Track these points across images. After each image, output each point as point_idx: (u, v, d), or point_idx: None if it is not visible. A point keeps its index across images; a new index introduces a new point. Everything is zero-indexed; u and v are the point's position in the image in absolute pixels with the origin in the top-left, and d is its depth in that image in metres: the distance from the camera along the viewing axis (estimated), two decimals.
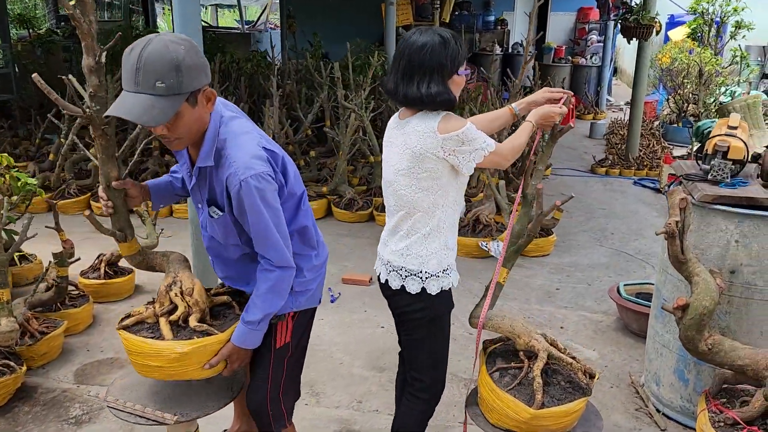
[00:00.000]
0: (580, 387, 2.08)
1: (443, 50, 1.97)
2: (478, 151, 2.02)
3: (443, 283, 2.14)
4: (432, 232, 2.11)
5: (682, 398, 2.97)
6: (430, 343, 2.21)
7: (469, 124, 2.02)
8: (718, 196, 2.72)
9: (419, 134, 2.01)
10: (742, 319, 2.75)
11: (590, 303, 4.34)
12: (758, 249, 2.66)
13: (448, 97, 2.01)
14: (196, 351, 1.97)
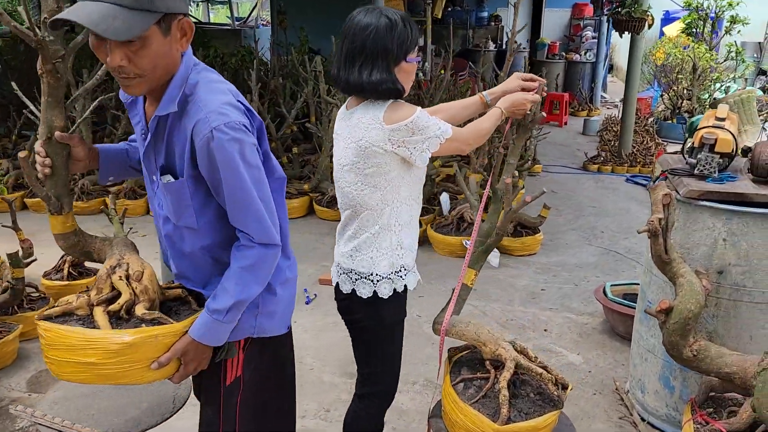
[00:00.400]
0: (551, 399, 1.91)
1: (389, 33, 1.78)
2: (432, 139, 1.84)
3: (396, 285, 1.96)
4: (382, 231, 1.93)
5: (668, 406, 2.80)
6: (382, 350, 2.05)
7: (419, 111, 1.84)
8: (704, 191, 2.54)
9: (364, 126, 1.84)
10: (731, 322, 2.58)
11: (576, 304, 4.17)
12: (747, 248, 2.48)
13: (393, 86, 1.82)
14: (143, 343, 1.53)
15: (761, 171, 2.67)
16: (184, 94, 1.52)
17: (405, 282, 1.98)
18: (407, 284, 1.99)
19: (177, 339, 1.57)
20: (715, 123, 2.66)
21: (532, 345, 3.61)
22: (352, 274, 1.97)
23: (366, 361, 2.08)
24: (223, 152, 1.47)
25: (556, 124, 11.44)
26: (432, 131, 1.84)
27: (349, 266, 1.97)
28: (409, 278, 2.00)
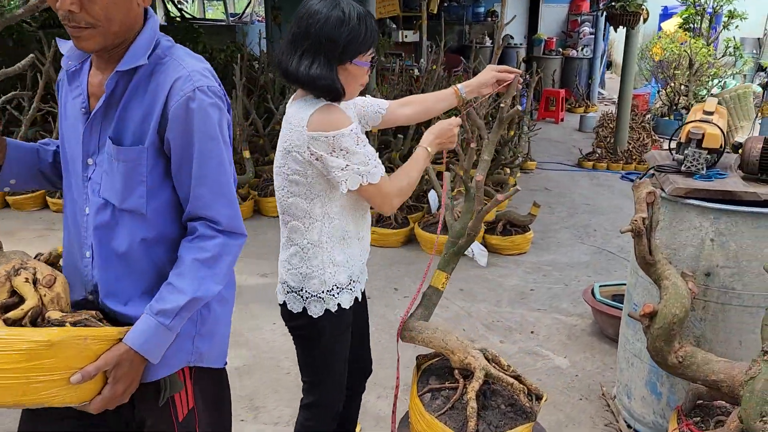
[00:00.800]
0: (524, 411, 1.79)
1: (339, 26, 1.60)
2: (352, 173, 1.63)
3: (328, 305, 1.80)
4: (311, 246, 1.77)
5: (655, 413, 2.69)
6: (321, 361, 1.91)
7: (351, 128, 1.63)
8: (691, 189, 2.42)
9: (290, 125, 1.68)
10: (719, 326, 2.46)
11: (566, 305, 4.05)
12: (736, 249, 2.37)
13: (332, 85, 1.64)
14: (67, 345, 1.21)
15: (751, 167, 2.56)
16: (156, 54, 1.35)
17: (338, 301, 1.81)
18: (341, 303, 1.82)
19: (109, 347, 1.28)
20: (702, 117, 2.54)
21: (518, 348, 3.50)
22: (285, 285, 1.84)
23: (305, 371, 1.96)
24: (203, 116, 1.31)
25: (552, 120, 11.32)
26: (356, 163, 1.63)
27: (283, 277, 1.84)
28: (343, 297, 1.82)
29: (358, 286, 1.89)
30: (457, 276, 4.45)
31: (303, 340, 1.90)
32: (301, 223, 1.76)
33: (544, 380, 3.17)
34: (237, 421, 2.83)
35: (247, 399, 2.99)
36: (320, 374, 1.91)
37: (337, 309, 1.81)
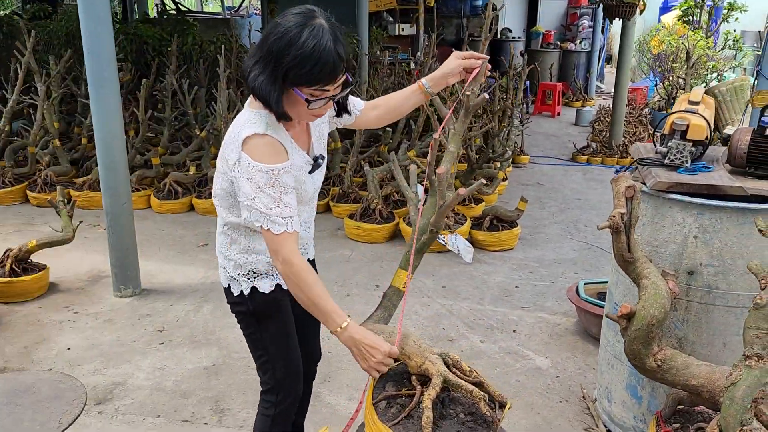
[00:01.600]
0: (484, 420, 1.67)
1: (288, 47, 1.53)
2: (255, 211, 1.62)
3: (243, 287, 1.86)
4: (230, 230, 1.84)
5: (635, 418, 2.57)
6: (259, 342, 1.93)
7: (275, 168, 1.60)
8: (674, 183, 2.29)
9: (230, 131, 1.68)
10: (702, 328, 2.33)
11: (550, 303, 3.93)
12: (720, 246, 2.24)
13: (268, 101, 1.59)
14: None
15: (739, 161, 2.43)
16: None
17: (254, 285, 1.84)
18: (258, 287, 1.84)
19: None
20: (687, 108, 2.41)
21: (498, 347, 3.38)
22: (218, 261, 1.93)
23: (252, 349, 1.98)
24: None
25: (548, 114, 11.17)
26: (262, 203, 1.60)
27: (216, 249, 1.93)
28: (262, 282, 1.85)
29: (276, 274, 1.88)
30: (440, 273, 4.34)
31: (238, 318, 1.93)
32: (225, 212, 1.81)
33: (523, 381, 3.05)
34: (200, 424, 2.72)
35: (213, 401, 2.87)
36: (263, 353, 1.93)
37: (251, 292, 1.84)
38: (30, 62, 5.61)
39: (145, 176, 5.81)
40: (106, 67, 3.48)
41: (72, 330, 3.50)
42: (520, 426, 2.72)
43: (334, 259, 4.58)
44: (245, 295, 1.85)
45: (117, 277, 3.88)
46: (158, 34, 7.84)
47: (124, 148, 3.75)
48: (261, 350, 1.93)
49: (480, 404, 1.64)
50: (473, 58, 1.94)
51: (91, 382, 3.00)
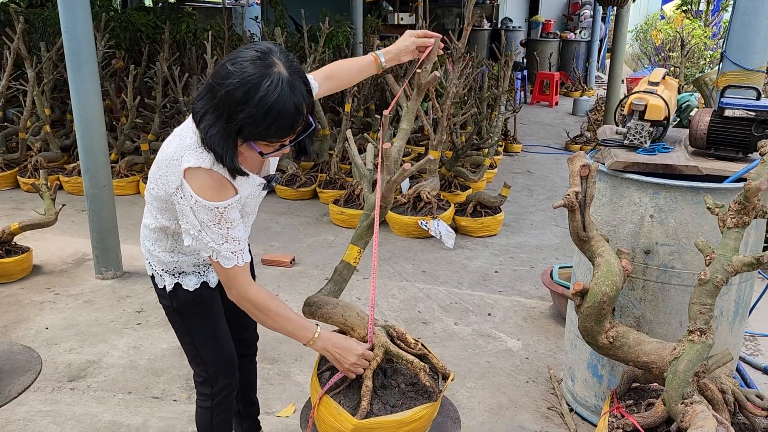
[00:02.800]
0: (425, 390, 1.70)
1: (245, 103, 1.41)
2: (202, 243, 1.57)
3: (166, 283, 1.81)
4: (158, 231, 1.76)
5: (596, 397, 2.60)
6: (186, 336, 1.89)
7: (220, 205, 1.52)
8: (630, 163, 2.31)
9: (174, 152, 1.55)
10: (659, 307, 2.36)
11: (528, 287, 3.95)
12: (676, 225, 2.25)
13: (222, 157, 1.47)
14: None
15: (699, 142, 2.44)
16: None
17: (178, 281, 1.80)
18: (182, 284, 1.80)
19: None
20: (647, 88, 2.42)
21: (471, 329, 3.41)
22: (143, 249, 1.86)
23: (182, 342, 1.93)
24: None
25: (546, 104, 11.15)
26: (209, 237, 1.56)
27: (141, 237, 1.87)
28: (186, 279, 1.80)
29: (212, 269, 1.84)
30: (421, 257, 4.36)
31: (164, 310, 1.90)
32: (156, 212, 1.72)
33: (493, 362, 3.08)
34: (170, 400, 2.76)
35: (184, 379, 2.91)
36: (194, 347, 1.88)
37: (173, 288, 1.79)
38: (20, 48, 5.64)
39: (135, 162, 5.85)
40: (84, 47, 3.50)
41: (52, 310, 3.55)
42: (485, 405, 2.75)
43: (317, 244, 4.61)
44: (168, 290, 1.81)
45: (98, 259, 3.93)
46: (152, 22, 7.87)
47: (103, 131, 3.78)
48: (189, 344, 1.89)
49: (420, 374, 1.67)
50: (426, 36, 1.96)
51: (66, 360, 3.05)
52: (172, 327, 1.91)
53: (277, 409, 2.69)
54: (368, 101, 6.83)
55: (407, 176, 1.82)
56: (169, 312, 1.87)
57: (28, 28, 10.05)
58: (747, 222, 1.91)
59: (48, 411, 2.64)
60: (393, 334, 1.79)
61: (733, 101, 2.36)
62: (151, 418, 2.61)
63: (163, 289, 1.82)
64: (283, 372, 2.97)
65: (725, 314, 2.35)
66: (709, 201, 1.98)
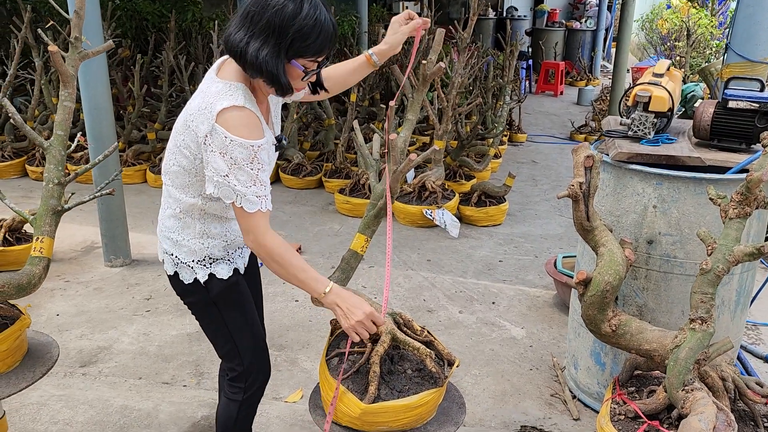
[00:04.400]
0: (432, 377, 1.74)
1: (293, 18, 1.50)
2: (226, 187, 1.54)
3: (198, 275, 1.74)
4: (184, 214, 1.72)
5: (599, 384, 2.64)
6: (222, 330, 1.82)
7: (254, 143, 1.53)
8: (634, 153, 2.33)
9: (201, 101, 1.56)
10: (661, 296, 2.39)
11: (532, 277, 3.99)
12: (678, 216, 2.28)
13: (276, 76, 1.53)
14: None
15: (703, 133, 2.46)
16: None
17: (211, 271, 1.75)
18: (215, 274, 1.75)
19: None
20: (651, 80, 2.44)
21: (476, 318, 3.45)
22: (161, 245, 1.80)
23: (217, 340, 1.87)
24: None
25: (551, 93, 11.14)
26: (237, 179, 1.53)
27: (160, 233, 1.80)
28: (219, 268, 1.75)
29: (240, 254, 1.82)
30: (426, 247, 4.40)
31: (193, 309, 1.83)
32: (177, 191, 1.70)
33: (497, 350, 3.13)
34: (179, 386, 2.81)
35: (194, 365, 2.97)
36: (231, 341, 1.82)
37: (208, 279, 1.74)
38: (27, 37, 5.67)
39: (142, 151, 5.89)
40: (93, 35, 3.52)
41: (62, 297, 3.61)
42: (489, 392, 2.80)
43: (323, 233, 4.65)
44: (201, 283, 1.75)
45: (107, 247, 3.98)
46: (157, 11, 7.88)
47: (112, 121, 3.82)
48: (225, 336, 1.83)
49: (426, 360, 1.72)
50: (410, 18, 1.90)
51: (78, 346, 3.10)
52: (203, 322, 1.85)
53: (285, 394, 2.74)
54: (373, 91, 6.84)
55: (413, 166, 1.86)
56: (201, 306, 1.81)
57: (35, 17, 10.10)
58: (749, 213, 1.94)
59: (61, 395, 2.70)
60: (399, 321, 1.83)
61: (737, 93, 2.38)
62: (161, 403, 2.67)
63: (194, 284, 1.75)
64: (290, 358, 3.02)
65: (727, 303, 2.39)
66: (711, 192, 2.01)
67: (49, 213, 1.98)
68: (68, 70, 2.00)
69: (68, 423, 2.53)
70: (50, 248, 1.95)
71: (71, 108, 2.04)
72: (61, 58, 1.95)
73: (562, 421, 2.62)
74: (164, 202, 1.77)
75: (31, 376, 1.86)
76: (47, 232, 1.95)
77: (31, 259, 1.92)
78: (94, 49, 2.07)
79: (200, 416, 2.59)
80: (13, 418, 2.52)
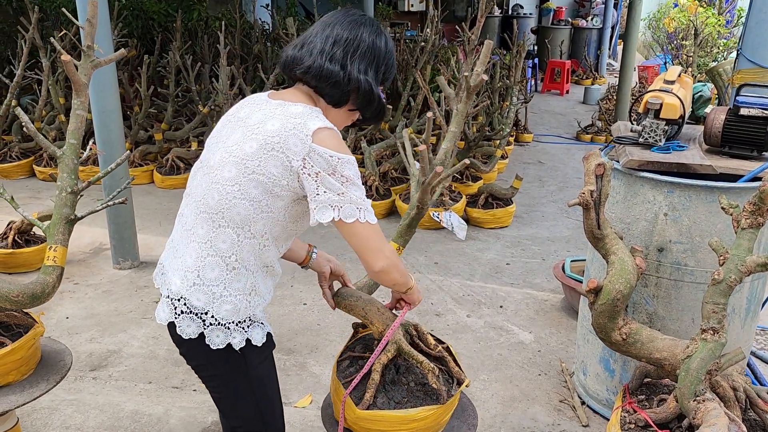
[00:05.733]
0: (434, 392, 1.74)
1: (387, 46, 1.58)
2: (348, 204, 1.43)
3: (233, 339, 1.51)
4: (238, 265, 1.50)
5: (608, 390, 2.64)
6: (252, 399, 1.61)
7: (354, 160, 1.48)
8: (645, 161, 2.33)
9: (285, 123, 1.44)
10: (671, 304, 2.39)
11: (539, 280, 3.99)
12: (689, 224, 2.28)
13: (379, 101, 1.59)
14: None
15: (714, 140, 2.46)
16: None
17: (248, 336, 1.54)
18: (251, 339, 1.54)
19: None
20: (662, 87, 2.43)
21: (483, 322, 3.45)
22: (177, 302, 1.51)
23: (230, 413, 1.66)
24: None
25: (557, 92, 11.11)
26: (354, 196, 1.44)
27: (178, 289, 1.51)
28: (254, 332, 1.55)
29: (265, 317, 1.65)
30: (433, 249, 4.41)
31: (216, 381, 1.61)
32: (235, 233, 1.48)
33: (505, 355, 3.13)
34: (189, 390, 2.83)
35: None
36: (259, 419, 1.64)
37: (245, 345, 1.53)
38: (35, 38, 5.68)
39: (149, 152, 5.91)
40: (102, 39, 3.52)
41: (71, 300, 3.62)
42: (498, 397, 2.80)
43: (330, 235, 4.65)
44: (236, 351, 1.52)
45: (116, 250, 4.00)
46: (163, 10, 7.89)
47: (120, 123, 3.83)
48: (250, 413, 1.63)
49: (428, 376, 1.71)
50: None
51: (88, 349, 3.12)
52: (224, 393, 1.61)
53: (294, 399, 2.75)
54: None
55: (441, 179, 1.85)
56: (231, 381, 1.58)
57: (41, 17, 10.12)
58: (761, 223, 1.94)
59: (72, 400, 2.72)
60: (412, 333, 1.83)
61: (749, 100, 2.37)
62: (172, 408, 2.68)
63: (225, 352, 1.52)
64: (299, 363, 3.03)
65: (737, 311, 2.38)
66: (723, 201, 2.01)
67: (62, 222, 1.99)
68: (81, 79, 2.00)
69: (79, 428, 2.55)
70: (63, 257, 1.95)
71: (84, 117, 2.04)
72: (73, 67, 1.95)
73: (571, 427, 2.62)
74: (205, 247, 1.50)
75: (45, 385, 1.87)
76: (60, 241, 1.95)
77: (44, 268, 1.93)
78: (106, 58, 2.07)
79: (210, 421, 2.60)
80: (25, 423, 2.54)
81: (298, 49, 1.54)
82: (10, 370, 1.81)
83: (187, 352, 1.58)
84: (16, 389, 1.84)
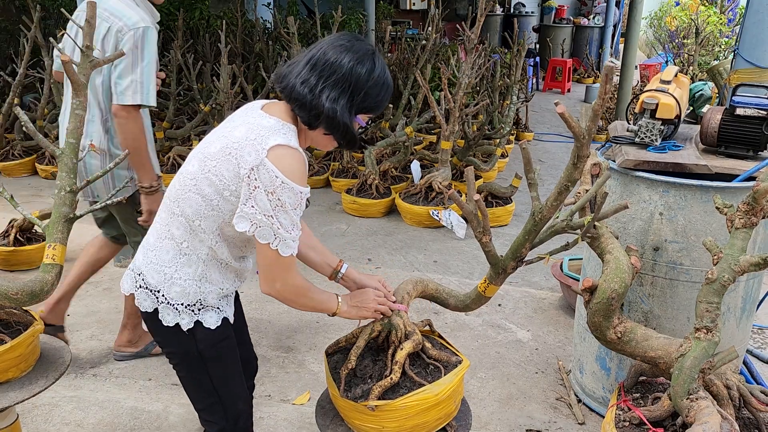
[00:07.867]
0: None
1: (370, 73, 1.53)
2: (268, 228, 1.46)
3: (181, 320, 1.59)
4: (189, 251, 1.58)
5: (604, 389, 2.65)
6: (204, 385, 1.69)
7: (302, 191, 1.47)
8: (641, 161, 2.34)
9: (249, 133, 1.48)
10: (667, 303, 2.40)
11: (538, 279, 4.00)
12: (684, 223, 2.29)
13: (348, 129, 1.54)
14: None
15: (710, 139, 2.47)
16: None
17: (198, 318, 1.61)
18: (202, 321, 1.61)
19: None
20: (658, 86, 2.44)
21: (482, 320, 3.47)
22: (139, 276, 1.62)
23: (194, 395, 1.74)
24: None
25: (558, 91, 11.11)
26: (280, 222, 1.46)
27: (139, 264, 1.63)
28: (206, 316, 1.62)
29: (228, 303, 1.71)
30: (432, 247, 4.42)
31: (172, 358, 1.70)
32: (187, 223, 1.57)
33: (503, 353, 3.15)
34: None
35: None
36: (214, 396, 1.70)
37: (193, 326, 1.60)
38: (36, 36, 5.71)
39: None
40: None
41: (73, 297, 3.64)
42: (495, 395, 2.82)
43: (330, 233, 4.68)
44: (184, 331, 1.60)
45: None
46: (165, 8, 7.90)
47: None
48: (206, 394, 1.71)
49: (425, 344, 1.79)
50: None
51: (88, 347, 3.14)
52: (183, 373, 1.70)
53: (292, 397, 2.77)
54: None
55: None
56: (183, 359, 1.66)
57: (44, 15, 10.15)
58: (755, 223, 1.95)
59: (72, 397, 2.74)
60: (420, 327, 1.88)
61: (745, 100, 2.38)
62: (171, 405, 2.70)
63: (175, 330, 1.60)
64: (297, 360, 3.05)
65: (732, 310, 2.40)
66: (718, 201, 2.02)
67: (61, 220, 2.00)
68: (80, 79, 2.01)
69: (79, 424, 2.57)
70: (62, 255, 1.97)
71: (83, 116, 2.06)
72: (72, 67, 1.97)
73: (567, 425, 2.63)
74: (163, 230, 1.61)
75: (44, 382, 1.88)
76: (59, 240, 1.97)
77: (43, 266, 1.94)
78: (105, 58, 2.09)
79: None
80: (25, 419, 2.56)
81: (287, 66, 1.58)
82: (9, 367, 1.83)
83: (149, 327, 1.66)
84: (16, 386, 1.86)
